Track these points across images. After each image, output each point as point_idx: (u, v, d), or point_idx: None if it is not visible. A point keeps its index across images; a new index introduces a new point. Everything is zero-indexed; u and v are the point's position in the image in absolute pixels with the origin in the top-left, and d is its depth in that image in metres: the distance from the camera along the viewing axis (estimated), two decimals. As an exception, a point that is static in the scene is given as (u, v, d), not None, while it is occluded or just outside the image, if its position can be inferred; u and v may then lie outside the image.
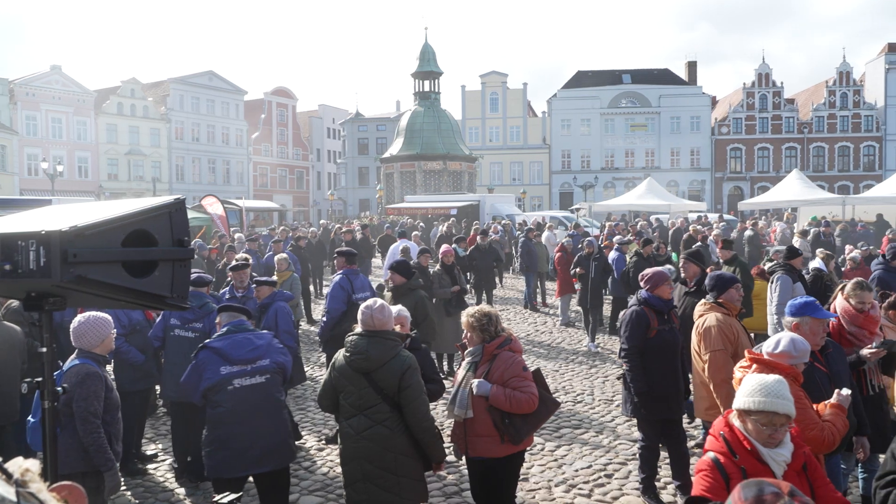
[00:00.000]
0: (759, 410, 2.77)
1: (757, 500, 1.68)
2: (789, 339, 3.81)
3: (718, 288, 5.51)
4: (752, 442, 2.79)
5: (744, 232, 19.01)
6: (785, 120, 57.51)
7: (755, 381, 2.86)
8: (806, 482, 2.82)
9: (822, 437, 3.60)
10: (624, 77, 61.08)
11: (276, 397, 4.69)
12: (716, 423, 2.99)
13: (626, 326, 5.67)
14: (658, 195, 32.68)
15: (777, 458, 2.78)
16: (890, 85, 55.79)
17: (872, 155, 56.68)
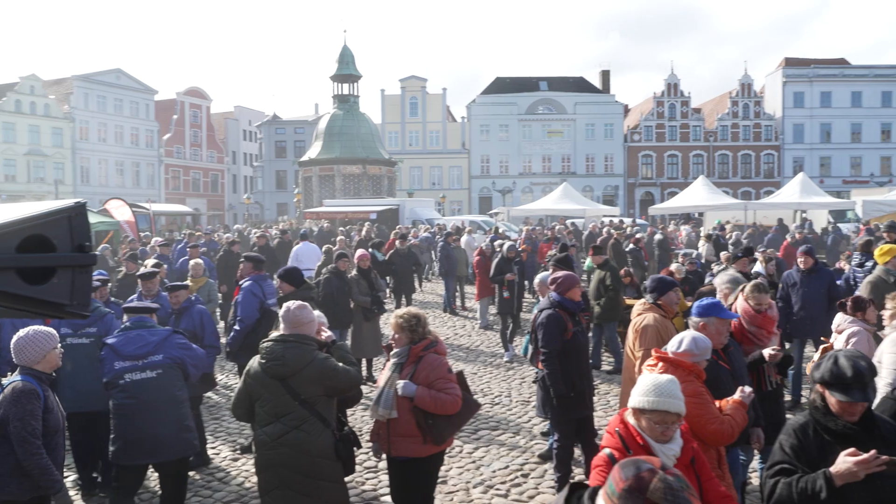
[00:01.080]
0: (653, 409, 2.88)
1: (636, 477, 1.76)
2: (692, 338, 3.99)
3: (659, 290, 5.71)
4: (644, 438, 2.90)
5: (653, 236, 19.73)
6: (692, 129, 60.16)
7: (649, 381, 2.97)
8: (693, 475, 2.95)
9: (722, 430, 3.78)
10: (541, 84, 62.44)
11: (170, 392, 4.82)
12: (612, 420, 3.10)
13: (542, 330, 5.74)
14: (574, 200, 33.50)
15: (668, 453, 2.89)
16: (787, 97, 59.30)
17: (772, 163, 60.02)
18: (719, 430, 3.77)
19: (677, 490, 1.74)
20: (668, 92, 60.08)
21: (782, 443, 3.00)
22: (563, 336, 5.71)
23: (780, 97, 59.38)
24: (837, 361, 2.93)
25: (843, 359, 2.93)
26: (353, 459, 4.40)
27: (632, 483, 1.75)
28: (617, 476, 1.79)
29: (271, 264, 12.54)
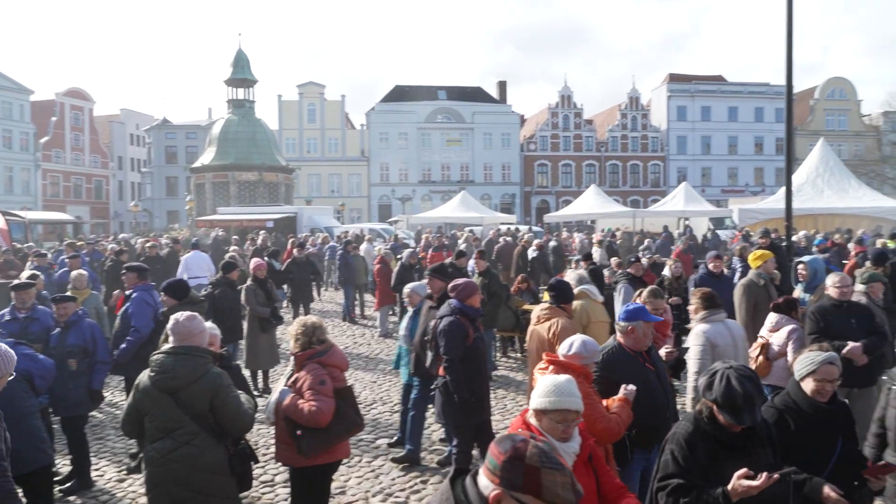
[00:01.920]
0: (555, 409, 2.95)
1: (513, 448, 1.93)
2: (581, 342, 4.12)
3: (565, 295, 5.93)
4: (547, 437, 2.96)
5: (548, 243, 20.30)
6: (585, 139, 62.47)
7: (549, 382, 3.04)
8: (591, 471, 3.06)
9: (609, 428, 3.95)
10: (440, 93, 63.09)
11: (17, 405, 4.64)
12: (513, 422, 3.18)
13: (445, 337, 5.76)
14: (472, 208, 34.06)
15: (568, 451, 2.97)
16: (671, 110, 62.69)
17: (658, 173, 63.18)
18: (607, 429, 3.93)
19: (549, 452, 1.95)
20: (561, 103, 62.13)
21: (674, 454, 3.06)
22: (464, 342, 5.77)
23: (665, 111, 62.70)
24: (730, 384, 2.98)
25: (735, 381, 2.99)
26: (250, 474, 4.29)
27: (511, 453, 1.92)
28: (496, 451, 1.96)
29: (163, 274, 12.04)
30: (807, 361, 3.55)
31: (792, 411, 3.46)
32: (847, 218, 23.34)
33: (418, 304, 7.24)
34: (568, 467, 1.99)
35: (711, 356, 5.21)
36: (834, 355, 3.57)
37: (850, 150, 60.19)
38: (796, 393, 3.55)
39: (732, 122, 63.44)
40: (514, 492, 1.89)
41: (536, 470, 1.89)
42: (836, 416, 3.49)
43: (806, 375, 3.52)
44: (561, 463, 1.96)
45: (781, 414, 3.47)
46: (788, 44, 10.37)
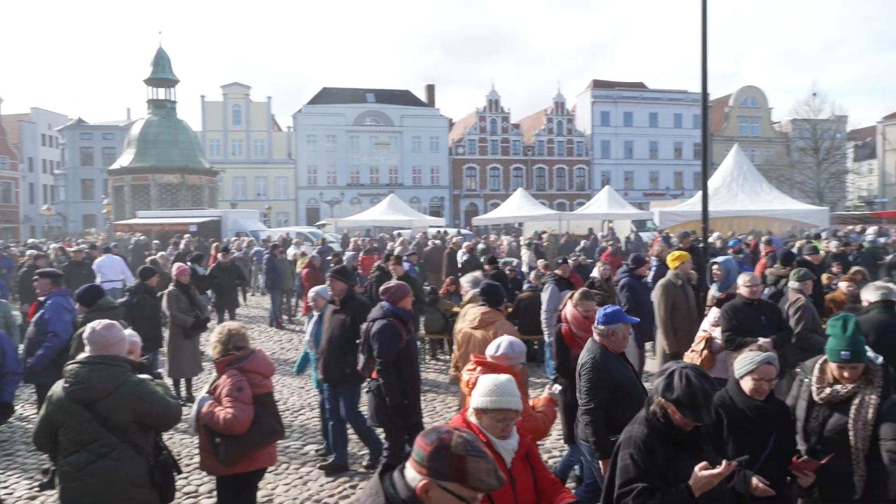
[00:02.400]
0: (495, 409, 2.98)
1: (439, 439, 2.02)
2: (508, 343, 4.19)
3: (497, 298, 6.08)
4: (487, 435, 2.99)
5: (477, 245, 20.49)
6: (512, 143, 63.36)
7: (490, 381, 3.07)
8: (528, 466, 3.13)
9: (535, 427, 4.03)
10: (368, 96, 62.81)
11: None
12: (453, 420, 3.20)
13: (379, 340, 5.78)
14: (401, 211, 34.06)
15: (507, 448, 3.02)
16: (595, 116, 64.34)
17: (583, 176, 64.71)
18: (533, 428, 4.01)
19: (473, 441, 2.05)
20: (489, 108, 62.86)
21: (634, 458, 3.04)
22: (398, 345, 5.82)
23: (590, 116, 64.30)
24: (692, 383, 2.99)
25: (695, 380, 3.00)
26: (172, 486, 4.18)
27: (437, 444, 2.01)
28: (422, 443, 2.04)
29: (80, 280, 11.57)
30: (746, 361, 3.66)
31: (727, 407, 3.59)
32: (759, 220, 24.48)
33: (322, 308, 7.10)
34: (490, 455, 2.09)
35: None
36: (772, 355, 3.70)
37: (762, 155, 63.12)
38: (734, 390, 3.67)
39: (653, 127, 65.61)
40: (440, 480, 1.97)
41: (462, 458, 1.98)
42: (770, 413, 3.61)
43: (745, 374, 3.64)
44: (484, 451, 2.06)
45: (717, 410, 3.58)
46: (703, 53, 10.80)
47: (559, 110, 64.36)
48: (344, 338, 6.51)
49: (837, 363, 3.65)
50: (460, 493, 1.98)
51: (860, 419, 3.56)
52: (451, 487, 1.97)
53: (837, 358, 3.64)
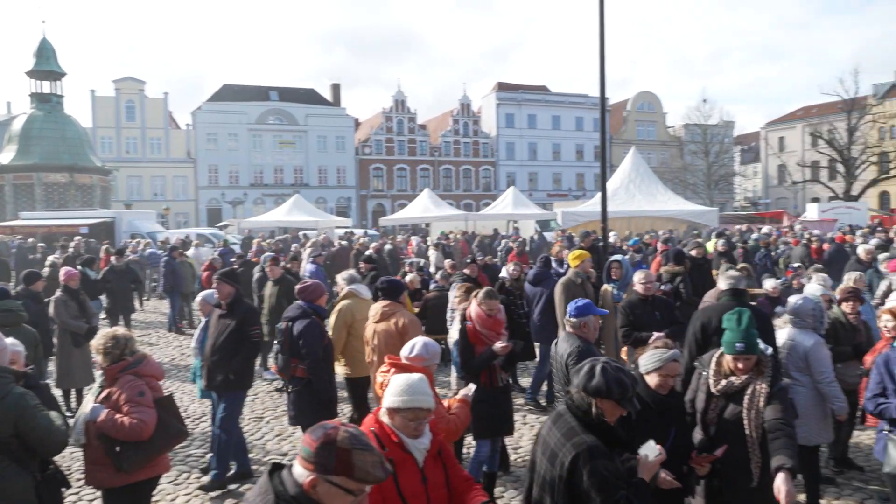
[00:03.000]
0: (408, 408, 2.99)
1: (325, 435, 2.06)
2: (423, 344, 4.19)
3: (396, 290, 6.25)
4: (399, 435, 3.01)
5: (384, 246, 20.44)
6: (419, 144, 63.56)
7: (402, 381, 3.07)
8: (441, 464, 3.15)
9: (448, 428, 4.06)
10: (271, 94, 61.46)
11: None
12: (366, 420, 3.18)
13: (306, 338, 5.81)
14: (306, 211, 33.49)
15: (419, 447, 3.04)
16: (500, 118, 65.46)
17: (489, 177, 65.72)
18: (446, 429, 4.03)
19: (358, 435, 2.10)
20: (396, 108, 62.84)
21: (607, 470, 2.93)
22: (323, 342, 5.92)
23: (495, 118, 65.37)
24: (619, 374, 3.04)
25: (616, 371, 3.05)
26: (60, 502, 3.96)
27: (323, 439, 2.05)
28: (309, 440, 2.07)
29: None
30: (653, 358, 3.79)
31: None
32: (655, 220, 25.59)
33: (209, 314, 6.83)
34: (377, 447, 2.16)
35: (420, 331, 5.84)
36: (677, 353, 3.86)
37: (657, 157, 66.11)
38: (640, 386, 3.78)
39: (556, 129, 67.42)
40: (327, 475, 2.02)
41: (348, 452, 2.03)
42: (672, 406, 3.78)
43: (652, 371, 3.77)
44: (370, 444, 2.12)
45: None
46: (601, 59, 11.19)
47: (465, 112, 65.12)
48: (229, 343, 6.27)
49: (733, 355, 3.82)
50: (347, 485, 2.03)
51: (753, 408, 3.75)
52: (338, 481, 2.02)
53: (733, 350, 3.81)
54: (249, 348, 6.36)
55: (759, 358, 3.85)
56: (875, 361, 4.35)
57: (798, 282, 9.78)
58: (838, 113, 51.14)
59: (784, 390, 3.84)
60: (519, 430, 7.55)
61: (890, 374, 4.20)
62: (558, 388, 4.82)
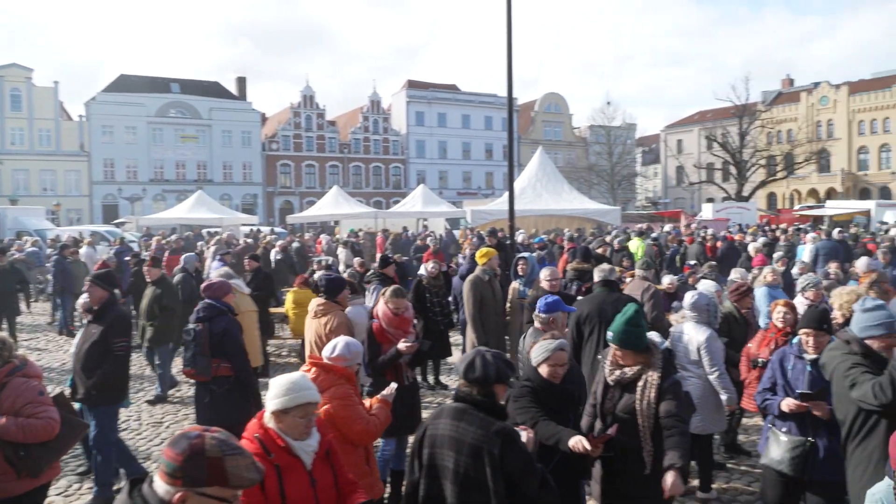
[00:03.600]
0: (296, 405, 2.93)
1: (190, 446, 1.95)
2: (344, 344, 4.15)
3: (335, 289, 6.30)
4: (285, 439, 2.94)
5: (291, 244, 20.01)
6: (328, 140, 62.69)
7: (283, 380, 3.01)
8: (329, 466, 3.10)
9: (367, 430, 4.02)
10: (172, 86, 59.11)
11: None
12: (249, 426, 3.07)
13: (229, 337, 5.76)
14: (211, 208, 32.43)
15: (307, 450, 2.98)
16: (410, 116, 65.48)
17: (399, 175, 65.63)
18: (365, 430, 3.99)
19: (226, 439, 2.01)
20: (304, 103, 61.75)
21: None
22: (241, 338, 5.95)
23: (405, 115, 65.33)
24: (503, 361, 3.27)
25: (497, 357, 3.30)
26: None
27: (189, 451, 1.93)
28: (172, 453, 1.95)
29: None
30: (541, 350, 3.89)
31: (534, 391, 3.83)
32: (561, 219, 26.23)
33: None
34: (247, 449, 2.07)
35: (351, 333, 5.94)
36: (564, 342, 3.97)
37: (564, 157, 67.90)
38: (535, 377, 3.88)
39: (466, 128, 68.07)
40: (199, 488, 1.92)
41: (219, 459, 1.94)
42: (569, 394, 3.90)
43: (541, 362, 3.86)
44: (240, 446, 2.04)
45: (533, 388, 3.84)
46: (509, 59, 11.33)
47: (375, 109, 64.75)
48: (92, 354, 5.75)
49: (614, 346, 3.98)
50: (221, 494, 1.95)
51: (644, 399, 3.87)
52: (212, 492, 1.93)
53: (609, 340, 4.01)
54: (112, 362, 5.77)
55: (649, 350, 3.97)
56: (771, 358, 4.53)
57: (694, 278, 10.22)
58: (731, 118, 54.04)
59: (677, 384, 3.98)
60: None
61: (782, 371, 4.36)
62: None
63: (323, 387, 3.81)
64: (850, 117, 60.76)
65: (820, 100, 62.81)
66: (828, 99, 62.32)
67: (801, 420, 4.13)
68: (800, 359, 4.29)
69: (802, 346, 4.31)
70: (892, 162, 58.44)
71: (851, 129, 60.75)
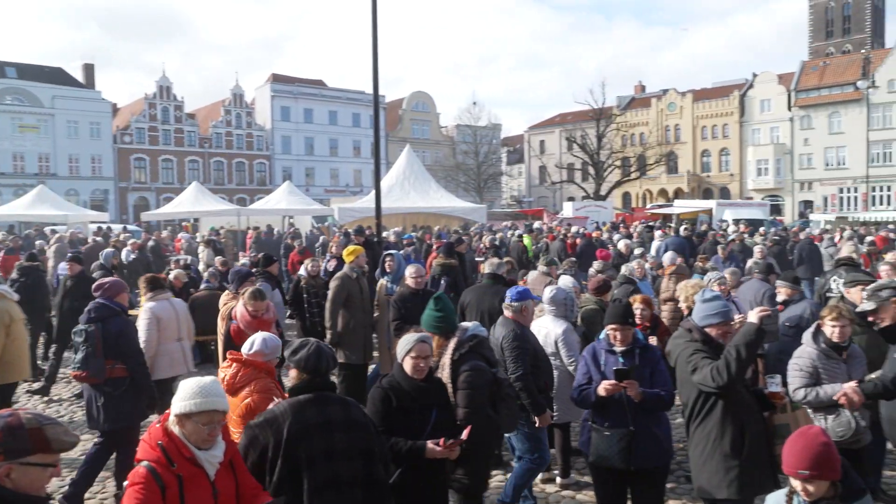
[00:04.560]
0: (201, 411, 2.82)
1: (6, 424, 2.13)
2: (262, 339, 4.31)
3: (240, 280, 6.70)
4: (190, 449, 2.83)
5: (147, 242, 18.90)
6: (187, 134, 59.78)
7: (192, 383, 2.91)
8: (232, 474, 3.01)
9: None
10: (8, 70, 54.07)
11: None
12: (151, 432, 2.92)
13: (126, 337, 5.70)
14: (54, 204, 29.93)
15: (212, 460, 2.88)
16: (275, 111, 63.76)
17: (264, 171, 63.71)
18: None
19: (39, 413, 2.26)
20: (160, 94, 58.50)
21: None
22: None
23: (270, 110, 63.49)
24: (314, 351, 3.41)
25: (322, 350, 3.45)
26: None
27: (6, 427, 2.12)
28: None
29: None
30: (405, 343, 3.90)
31: (395, 389, 3.82)
32: (429, 216, 26.48)
33: None
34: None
35: (157, 327, 6.47)
36: (426, 335, 4.01)
37: (431, 156, 68.67)
38: (399, 374, 3.89)
39: (333, 125, 67.14)
40: (23, 457, 2.11)
41: (39, 429, 2.16)
42: (431, 391, 3.88)
43: (405, 355, 3.87)
44: (53, 418, 2.30)
45: (386, 392, 3.83)
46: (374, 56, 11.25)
47: (238, 102, 62.43)
48: None
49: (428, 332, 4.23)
50: (45, 460, 2.15)
51: (448, 382, 4.18)
52: (36, 459, 2.12)
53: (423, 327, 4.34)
54: None
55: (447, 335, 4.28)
56: (583, 353, 4.64)
57: (555, 273, 10.60)
58: (589, 121, 56.80)
59: (473, 372, 4.14)
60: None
61: (596, 364, 4.43)
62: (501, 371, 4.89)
63: (244, 381, 4.16)
64: (694, 123, 65.54)
65: (668, 106, 67.31)
66: (675, 105, 66.91)
67: (618, 412, 4.23)
68: (611, 353, 4.39)
69: (610, 340, 4.40)
70: (731, 165, 63.64)
71: (696, 133, 65.58)
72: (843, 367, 4.60)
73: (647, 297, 6.44)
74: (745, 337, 3.77)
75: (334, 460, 3.18)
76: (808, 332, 4.81)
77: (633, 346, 4.35)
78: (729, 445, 3.85)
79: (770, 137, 60.88)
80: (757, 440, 3.90)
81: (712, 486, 3.91)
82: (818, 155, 58.19)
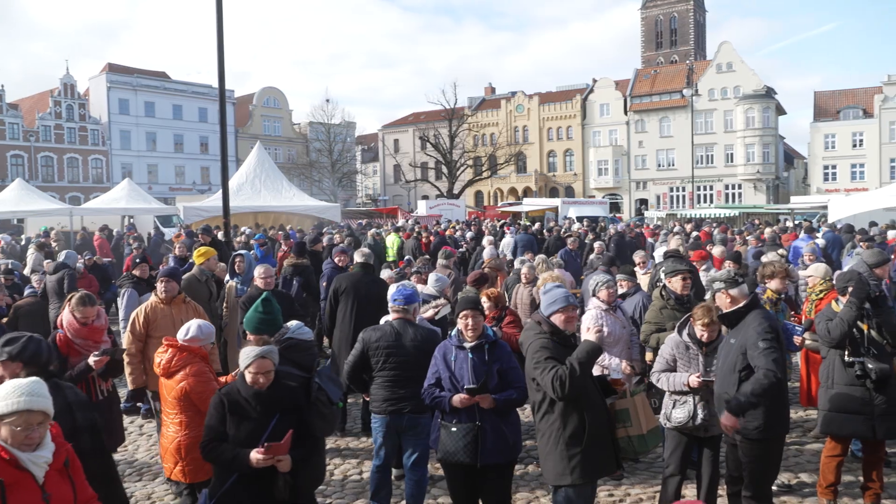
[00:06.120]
0: (12, 411, 2.66)
1: None
2: (197, 326, 4.65)
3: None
4: (10, 451, 2.66)
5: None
6: (9, 126, 54.42)
7: (10, 385, 2.75)
8: (68, 478, 2.88)
9: None
10: None
11: None
12: None
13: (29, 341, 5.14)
14: None
15: (38, 462, 2.72)
16: (112, 103, 59.51)
17: (101, 168, 59.28)
18: None
19: None
20: (-24, 82, 52.89)
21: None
22: None
23: (106, 102, 59.16)
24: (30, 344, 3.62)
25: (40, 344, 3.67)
26: None
27: None
28: None
29: None
30: (245, 356, 3.84)
31: (230, 395, 3.84)
32: (280, 216, 25.89)
33: None
34: None
35: None
36: (270, 349, 3.91)
37: (284, 154, 67.11)
38: (241, 383, 3.86)
39: (178, 120, 63.71)
40: None
41: None
42: (273, 398, 3.82)
43: (244, 369, 3.82)
44: None
45: (221, 398, 3.84)
46: (220, 49, 10.83)
47: (69, 93, 57.58)
48: None
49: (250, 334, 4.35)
50: None
51: None
52: None
53: (246, 328, 4.45)
54: None
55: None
56: (434, 353, 4.70)
57: (408, 270, 10.74)
58: (442, 120, 57.93)
59: (287, 374, 4.14)
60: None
61: (446, 364, 4.51)
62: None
63: (180, 365, 4.53)
64: (541, 124, 68.61)
65: (517, 107, 69.98)
66: (523, 107, 69.69)
67: (467, 408, 4.37)
68: (461, 349, 4.49)
69: (462, 334, 4.50)
70: (574, 165, 67.24)
71: (542, 134, 68.66)
72: (699, 360, 4.87)
73: (496, 291, 6.69)
74: (583, 355, 3.99)
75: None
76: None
77: (484, 341, 4.46)
78: (571, 434, 4.07)
79: (609, 139, 65.01)
80: (599, 427, 4.14)
81: (557, 474, 4.11)
82: (651, 156, 62.94)
